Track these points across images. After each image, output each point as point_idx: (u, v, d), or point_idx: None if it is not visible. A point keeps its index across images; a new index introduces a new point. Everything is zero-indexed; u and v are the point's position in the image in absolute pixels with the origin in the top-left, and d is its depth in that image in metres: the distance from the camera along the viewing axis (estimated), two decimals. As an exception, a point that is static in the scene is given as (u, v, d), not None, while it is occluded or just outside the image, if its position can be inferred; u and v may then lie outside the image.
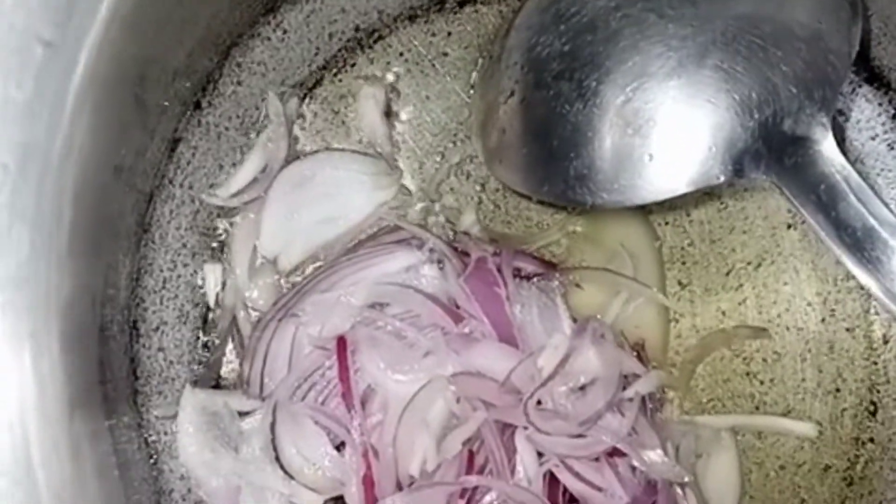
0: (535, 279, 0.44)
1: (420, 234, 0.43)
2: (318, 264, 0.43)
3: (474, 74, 0.46)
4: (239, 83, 0.41)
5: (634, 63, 0.36)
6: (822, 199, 0.35)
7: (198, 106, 0.39)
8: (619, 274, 0.46)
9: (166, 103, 0.36)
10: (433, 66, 0.46)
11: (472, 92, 0.47)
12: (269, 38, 0.41)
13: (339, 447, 0.40)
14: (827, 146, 0.35)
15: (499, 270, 0.43)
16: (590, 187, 0.37)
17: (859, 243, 0.34)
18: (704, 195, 0.46)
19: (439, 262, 0.43)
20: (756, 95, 0.35)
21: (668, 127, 0.35)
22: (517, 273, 0.44)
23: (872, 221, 0.34)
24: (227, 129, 0.41)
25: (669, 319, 0.48)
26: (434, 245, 0.43)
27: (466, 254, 0.44)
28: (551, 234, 0.47)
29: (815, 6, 0.36)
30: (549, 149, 0.38)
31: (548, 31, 0.39)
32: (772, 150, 0.35)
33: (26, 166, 0.22)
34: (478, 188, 0.47)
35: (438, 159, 0.46)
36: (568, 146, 0.37)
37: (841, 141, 0.36)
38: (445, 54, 0.47)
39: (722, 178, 0.35)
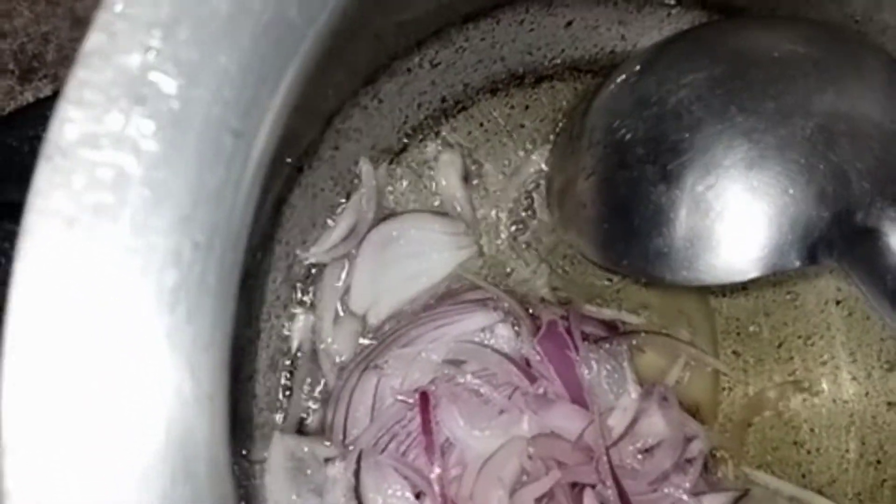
0: (601, 342, 0.47)
1: (496, 294, 0.46)
2: (399, 319, 0.46)
3: (549, 146, 0.49)
4: (336, 148, 0.43)
5: (717, 152, 0.39)
6: (889, 286, 0.37)
7: (300, 169, 0.41)
8: (679, 339, 0.49)
9: (286, 169, 0.39)
10: (510, 135, 0.49)
11: (544, 163, 0.49)
12: (366, 107, 0.43)
13: (417, 496, 0.42)
14: (895, 238, 0.37)
15: (568, 333, 0.46)
16: (669, 265, 0.39)
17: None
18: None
19: (514, 323, 0.45)
20: (832, 189, 0.37)
21: (748, 214, 0.38)
22: (585, 336, 0.46)
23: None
24: (322, 189, 0.44)
25: (721, 385, 0.51)
26: (509, 306, 0.45)
27: (536, 315, 0.47)
28: (614, 300, 0.49)
29: (887, 105, 0.38)
30: (631, 227, 0.40)
31: (630, 116, 0.42)
32: (844, 240, 0.37)
33: (213, 244, 0.24)
34: (547, 253, 0.49)
35: (513, 223, 0.49)
36: (649, 225, 0.40)
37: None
38: (522, 126, 0.49)
39: (797, 264, 0.37)
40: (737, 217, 0.38)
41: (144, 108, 0.23)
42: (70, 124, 0.22)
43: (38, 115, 0.46)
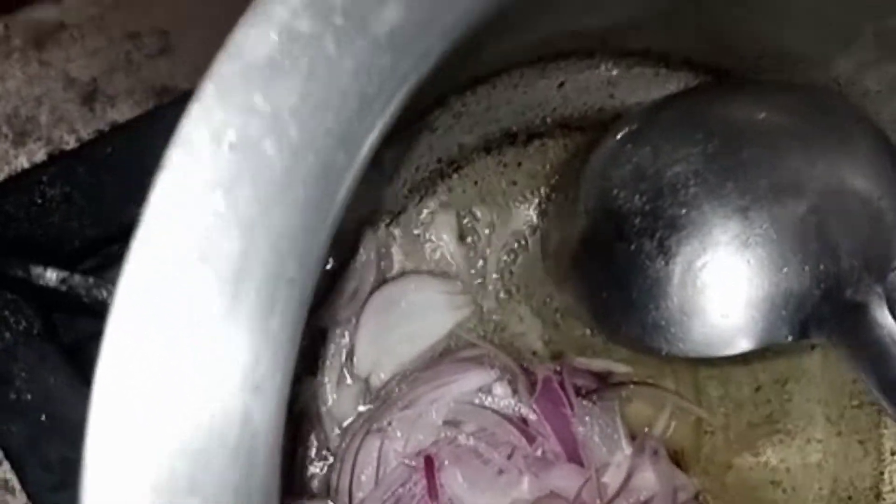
0: (593, 395, 0.48)
1: (493, 352, 0.47)
2: (399, 380, 0.47)
3: (542, 204, 0.51)
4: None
5: (713, 229, 0.40)
6: (874, 358, 0.39)
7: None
8: (665, 389, 0.51)
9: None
10: (503, 193, 0.50)
11: (535, 216, 0.51)
12: (367, 177, 0.44)
13: (421, 557, 0.43)
14: (880, 312, 0.39)
15: (562, 388, 0.47)
16: (666, 337, 0.41)
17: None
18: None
19: (510, 380, 0.47)
20: (823, 266, 0.39)
21: (744, 290, 0.40)
22: (577, 390, 0.48)
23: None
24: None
25: (704, 429, 0.53)
26: (506, 364, 0.47)
27: (531, 371, 0.48)
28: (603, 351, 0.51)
29: (873, 181, 0.40)
30: (629, 298, 0.42)
31: (627, 187, 0.43)
32: (833, 315, 0.39)
33: (272, 390, 0.25)
34: (540, 307, 0.51)
35: (506, 280, 0.50)
36: (647, 298, 0.41)
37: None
38: (515, 182, 0.51)
39: (789, 339, 0.39)
40: (732, 293, 0.40)
41: (207, 267, 0.23)
42: (134, 288, 0.23)
43: (34, 182, 0.46)
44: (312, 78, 0.24)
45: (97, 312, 0.45)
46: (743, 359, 0.51)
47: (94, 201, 0.46)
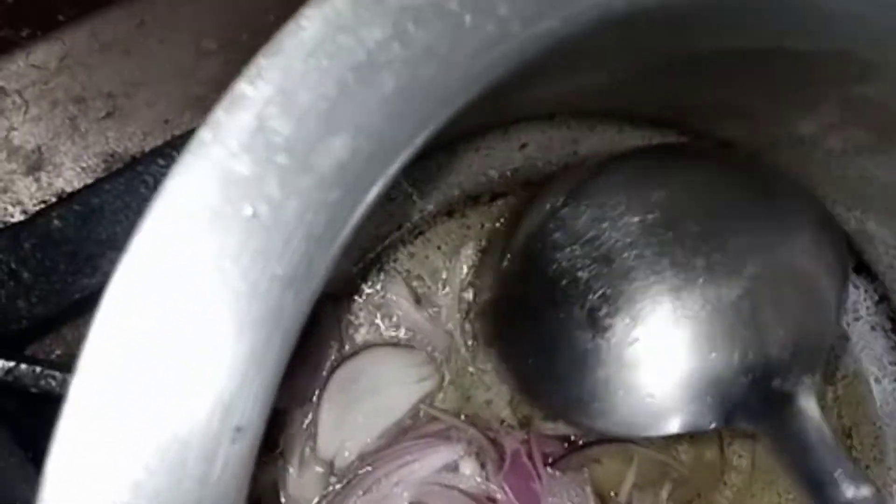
0: (562, 462, 0.47)
1: (458, 424, 0.46)
2: (363, 460, 0.45)
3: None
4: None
5: (644, 306, 0.39)
6: (797, 451, 0.37)
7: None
8: (631, 441, 0.50)
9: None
10: (467, 256, 0.49)
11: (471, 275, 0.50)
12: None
13: None
14: (808, 404, 0.38)
15: (530, 459, 0.46)
16: (589, 413, 0.40)
17: (824, 491, 0.36)
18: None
19: (478, 453, 0.46)
20: (752, 355, 0.38)
21: (671, 373, 0.38)
22: (546, 459, 0.47)
23: (838, 473, 0.36)
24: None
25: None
26: (472, 437, 0.46)
27: (499, 442, 0.47)
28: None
29: (813, 272, 0.39)
30: (554, 367, 0.40)
31: (562, 250, 0.41)
32: (759, 405, 0.38)
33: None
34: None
35: (470, 346, 0.49)
36: (573, 370, 0.39)
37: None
38: (479, 244, 0.49)
39: (713, 426, 0.38)
40: (659, 374, 0.39)
41: (143, 432, 0.22)
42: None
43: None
44: (255, 223, 0.23)
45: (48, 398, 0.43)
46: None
47: (43, 277, 0.45)
